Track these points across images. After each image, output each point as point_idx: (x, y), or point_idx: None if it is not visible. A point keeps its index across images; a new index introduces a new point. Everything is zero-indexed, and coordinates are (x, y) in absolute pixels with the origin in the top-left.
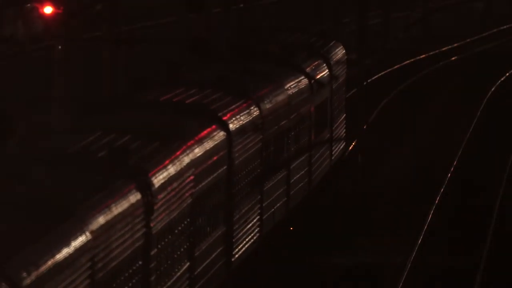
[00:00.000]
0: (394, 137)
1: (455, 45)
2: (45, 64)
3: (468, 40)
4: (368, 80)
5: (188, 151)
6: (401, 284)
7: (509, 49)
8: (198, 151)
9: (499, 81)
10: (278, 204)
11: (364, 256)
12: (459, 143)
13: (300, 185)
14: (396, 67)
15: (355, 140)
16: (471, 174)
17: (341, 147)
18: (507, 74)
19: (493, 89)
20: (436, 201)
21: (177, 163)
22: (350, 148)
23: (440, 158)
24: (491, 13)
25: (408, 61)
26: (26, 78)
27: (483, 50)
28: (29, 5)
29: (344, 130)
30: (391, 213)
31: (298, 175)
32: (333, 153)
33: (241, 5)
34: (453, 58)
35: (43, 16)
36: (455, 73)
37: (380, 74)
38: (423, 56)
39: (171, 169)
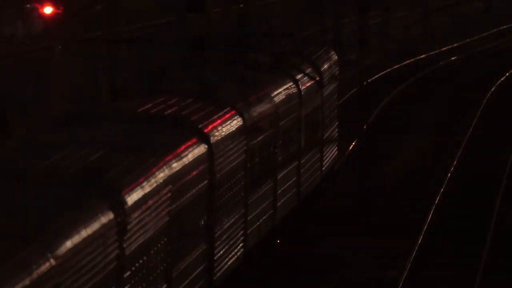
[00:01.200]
0: (394, 137)
1: (455, 45)
2: (45, 64)
3: (468, 40)
4: (368, 80)
5: (165, 167)
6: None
7: (509, 49)
8: (176, 165)
9: (499, 81)
10: (264, 217)
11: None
12: (459, 143)
13: (287, 196)
14: (396, 67)
15: (355, 140)
16: (471, 174)
17: (333, 156)
18: (507, 74)
19: (493, 89)
20: (436, 201)
21: (153, 180)
22: (350, 148)
23: (440, 158)
24: (491, 13)
25: (408, 61)
26: (26, 78)
27: (483, 50)
28: (29, 5)
29: (337, 139)
30: (390, 216)
31: (285, 186)
32: (324, 163)
33: (241, 5)
34: (453, 58)
35: (43, 16)
36: (455, 73)
37: (380, 74)
38: (423, 56)
39: (147, 186)
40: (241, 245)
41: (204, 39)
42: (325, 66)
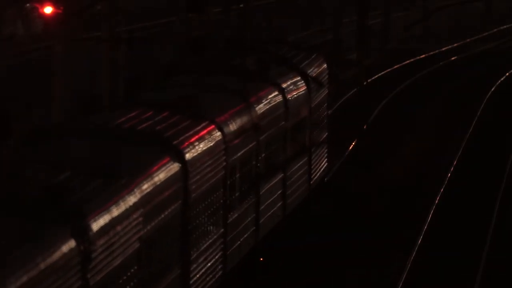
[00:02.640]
0: (394, 137)
1: (455, 45)
2: (45, 64)
3: (468, 40)
4: (368, 80)
5: (136, 189)
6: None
7: (509, 49)
8: (148, 187)
9: (499, 81)
10: (245, 236)
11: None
12: (459, 143)
13: (271, 212)
14: (396, 67)
15: (355, 140)
16: (471, 174)
17: (322, 169)
18: (507, 74)
19: (493, 89)
20: (436, 201)
21: (123, 203)
22: (350, 147)
23: (440, 158)
24: (491, 13)
25: (408, 61)
26: (26, 78)
27: (483, 50)
28: (29, 5)
29: (326, 151)
30: (390, 215)
31: (269, 201)
32: (312, 176)
33: (241, 5)
34: (453, 58)
35: (43, 16)
36: (455, 73)
37: (380, 74)
38: (423, 56)
39: (115, 211)
40: (219, 267)
41: (203, 40)
42: (314, 75)
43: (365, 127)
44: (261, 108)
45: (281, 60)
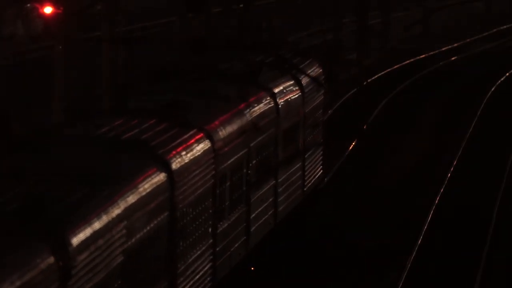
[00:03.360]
0: (394, 137)
1: (455, 45)
2: (45, 64)
3: (468, 40)
4: (368, 80)
5: (120, 200)
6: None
7: (509, 49)
8: (132, 198)
9: (499, 81)
10: (235, 245)
11: None
12: (459, 143)
13: (262, 220)
14: (396, 67)
15: (355, 140)
16: (471, 174)
17: (317, 175)
18: (507, 74)
19: (493, 89)
20: (436, 201)
21: (105, 216)
22: (350, 148)
23: (440, 158)
24: (491, 13)
25: (408, 61)
26: (26, 78)
27: (483, 50)
28: (29, 5)
29: (321, 157)
30: (389, 215)
31: (260, 210)
32: (306, 183)
33: (241, 5)
34: (453, 58)
35: (43, 16)
36: (455, 73)
37: (380, 74)
38: (423, 56)
39: (97, 224)
40: (208, 279)
41: (203, 41)
42: (308, 79)
43: (365, 127)
44: (251, 114)
45: (274, 64)
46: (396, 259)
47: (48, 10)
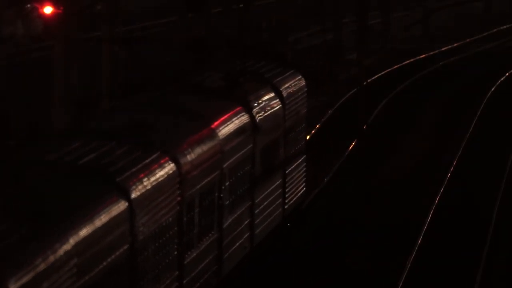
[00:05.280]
0: (394, 137)
1: (455, 45)
2: (45, 64)
3: (468, 40)
4: (368, 80)
5: (70, 236)
6: None
7: (509, 49)
8: (85, 232)
9: (499, 81)
10: (205, 276)
11: None
12: (459, 143)
13: (236, 245)
14: (396, 67)
15: (355, 140)
16: (471, 174)
17: (300, 193)
18: (507, 74)
19: (493, 89)
20: (436, 201)
21: (52, 256)
22: (350, 148)
23: (440, 158)
24: (491, 13)
25: (408, 61)
26: (26, 78)
27: (483, 50)
28: (29, 5)
29: (304, 173)
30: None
31: (234, 234)
32: (286, 201)
33: (241, 5)
34: (453, 58)
35: (43, 16)
36: (455, 73)
37: (380, 74)
38: (423, 56)
39: (42, 264)
40: None
41: (203, 41)
42: (289, 92)
43: (365, 127)
44: (225, 132)
45: (252, 75)
46: (396, 258)
47: (48, 10)
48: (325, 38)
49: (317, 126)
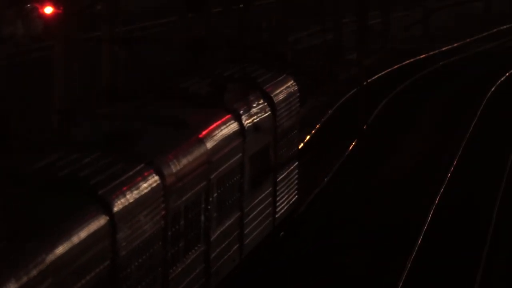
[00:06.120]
0: (394, 137)
1: (455, 45)
2: (45, 64)
3: (468, 40)
4: (368, 80)
5: (46, 254)
6: None
7: (509, 49)
8: (63, 249)
9: (499, 81)
10: None
11: None
12: (459, 143)
13: (224, 258)
14: (396, 67)
15: (355, 140)
16: (471, 174)
17: (291, 201)
18: (507, 74)
19: (493, 89)
20: (436, 201)
21: (25, 276)
22: (350, 148)
23: (440, 158)
24: (491, 13)
25: (408, 61)
26: (26, 78)
27: (483, 50)
28: (29, 5)
29: (296, 180)
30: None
31: (222, 247)
32: (277, 209)
33: (241, 5)
34: (453, 58)
35: (43, 16)
36: (455, 73)
37: (380, 74)
38: (423, 56)
39: (12, 284)
40: None
41: (202, 41)
42: (280, 97)
43: (365, 127)
44: (213, 141)
45: (242, 81)
46: (396, 258)
47: (48, 10)
48: (325, 38)
49: (317, 126)
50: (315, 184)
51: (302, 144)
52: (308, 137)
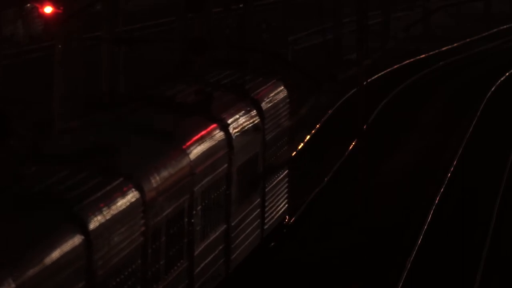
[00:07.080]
0: (394, 137)
1: (455, 45)
2: (45, 64)
3: (468, 40)
4: (368, 80)
5: (14, 275)
6: None
7: (509, 49)
8: (32, 272)
9: (499, 81)
10: None
11: None
12: (459, 143)
13: (209, 273)
14: (396, 67)
15: (355, 140)
16: (471, 174)
17: (281, 211)
18: (507, 74)
19: (493, 89)
20: (436, 201)
21: None
22: (350, 148)
23: (440, 157)
24: (491, 13)
25: (408, 61)
26: (26, 78)
27: (483, 50)
28: (29, 5)
29: (286, 190)
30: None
31: (207, 262)
32: (266, 221)
33: (241, 5)
34: (453, 58)
35: (43, 16)
36: (455, 73)
37: (380, 74)
38: (423, 56)
39: None
40: None
41: (203, 41)
42: (269, 104)
43: (365, 127)
44: (197, 152)
45: (228, 88)
46: (396, 259)
47: (48, 10)
48: (325, 38)
49: (317, 126)
50: (315, 184)
51: (297, 149)
52: (308, 137)
